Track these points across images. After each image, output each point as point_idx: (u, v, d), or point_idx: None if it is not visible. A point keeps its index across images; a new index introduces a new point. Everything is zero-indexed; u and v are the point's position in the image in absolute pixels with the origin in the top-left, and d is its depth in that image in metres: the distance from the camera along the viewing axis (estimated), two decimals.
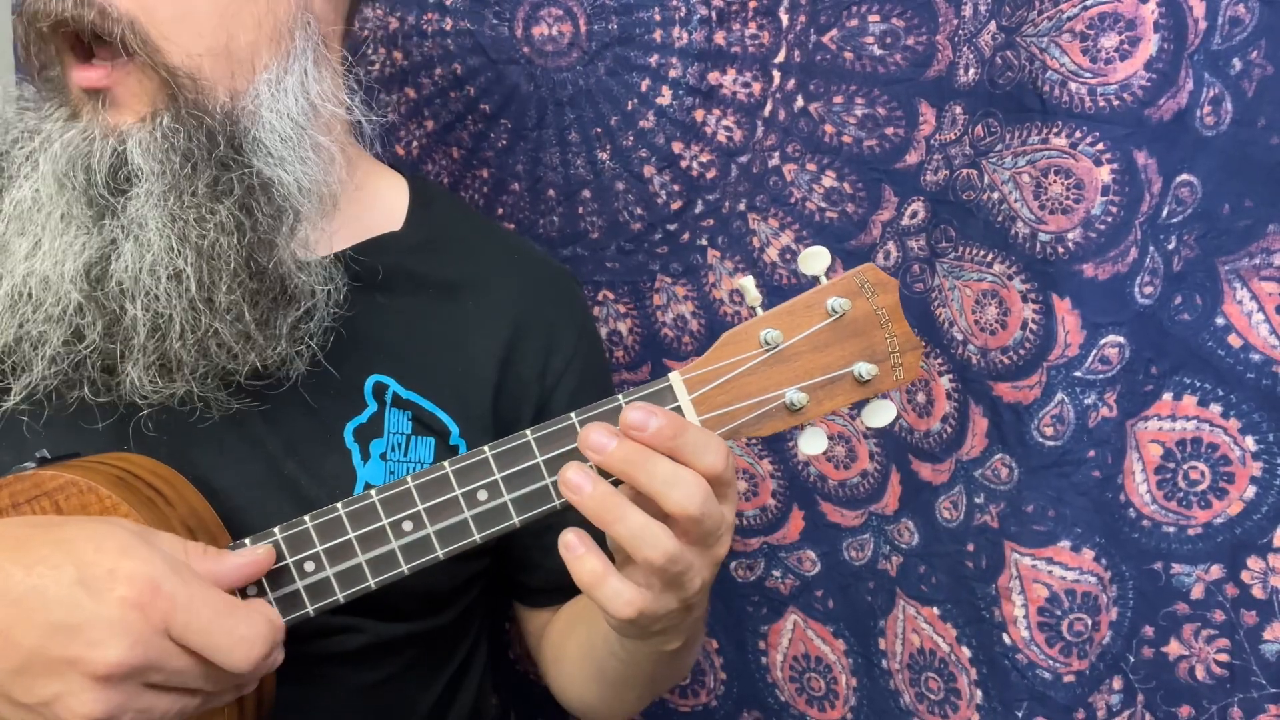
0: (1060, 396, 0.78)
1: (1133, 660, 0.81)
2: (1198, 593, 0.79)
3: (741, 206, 0.91)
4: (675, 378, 0.59)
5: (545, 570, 0.79)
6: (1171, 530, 0.79)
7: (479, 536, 0.59)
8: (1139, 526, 0.80)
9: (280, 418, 0.68)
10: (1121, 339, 0.77)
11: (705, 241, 0.92)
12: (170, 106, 0.63)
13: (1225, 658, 0.79)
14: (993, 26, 0.79)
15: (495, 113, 0.95)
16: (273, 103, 0.66)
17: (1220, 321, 0.77)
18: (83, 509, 0.59)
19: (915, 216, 0.85)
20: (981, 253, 0.81)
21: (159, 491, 0.62)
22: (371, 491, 0.59)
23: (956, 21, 0.81)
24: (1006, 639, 0.82)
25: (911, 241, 0.86)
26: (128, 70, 0.63)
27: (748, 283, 0.59)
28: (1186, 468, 0.79)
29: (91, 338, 0.62)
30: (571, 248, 0.96)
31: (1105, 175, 0.74)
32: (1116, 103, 0.73)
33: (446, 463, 0.58)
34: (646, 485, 0.53)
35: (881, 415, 0.60)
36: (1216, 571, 0.79)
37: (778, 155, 0.89)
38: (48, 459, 0.62)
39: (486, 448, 0.58)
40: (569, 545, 0.54)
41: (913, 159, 0.85)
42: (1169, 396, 0.78)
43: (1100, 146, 0.74)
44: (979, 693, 0.85)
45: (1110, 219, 0.75)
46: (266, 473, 0.68)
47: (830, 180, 0.87)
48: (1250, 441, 0.77)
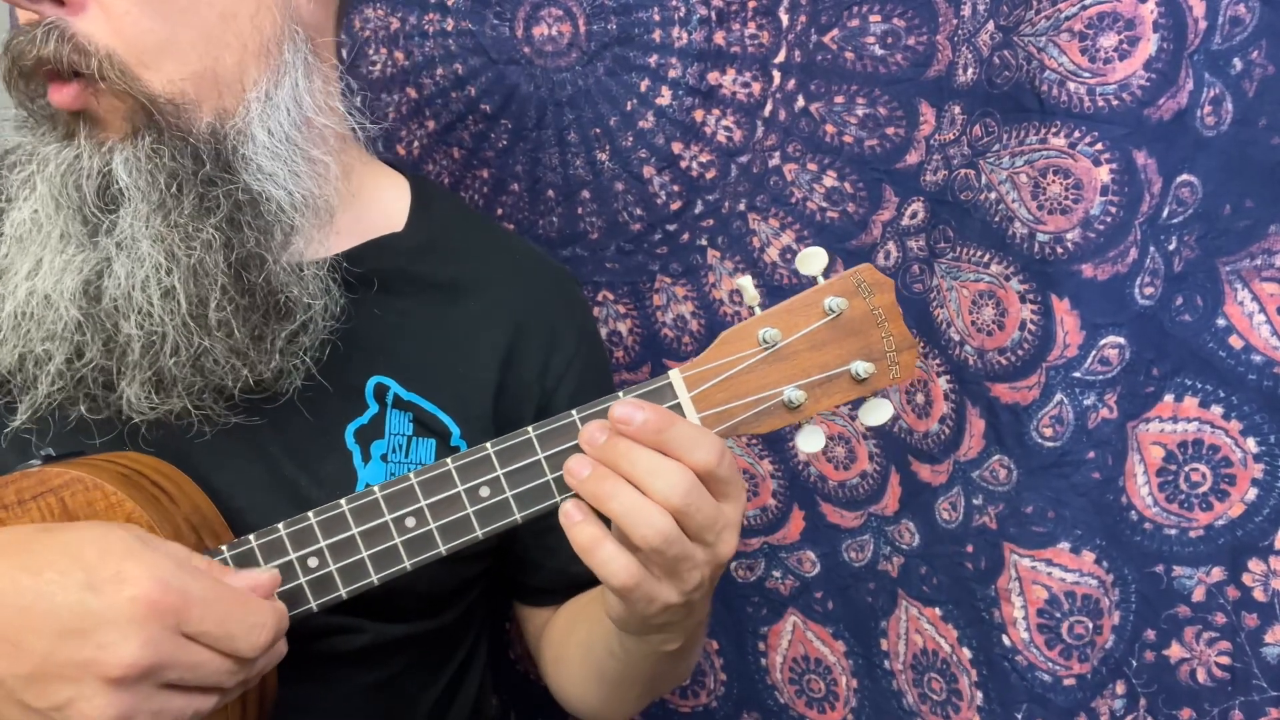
0: (1059, 397, 0.78)
1: (1135, 664, 0.81)
2: (1199, 595, 0.79)
3: (742, 206, 0.91)
4: (675, 375, 0.59)
5: (546, 570, 0.79)
6: (1173, 532, 0.79)
7: (481, 532, 0.59)
8: (1140, 529, 0.80)
9: (281, 419, 0.68)
10: (1122, 340, 0.77)
11: (705, 241, 0.92)
12: (151, 127, 0.63)
13: (1226, 660, 0.79)
14: (991, 26, 0.79)
15: (495, 113, 0.95)
16: (263, 119, 0.66)
17: (1221, 322, 0.76)
18: (88, 505, 0.59)
19: (915, 217, 0.85)
20: (978, 253, 0.80)
21: (163, 489, 0.63)
22: (375, 487, 0.59)
23: (956, 21, 0.81)
24: (1006, 641, 0.82)
25: (911, 241, 0.86)
26: (100, 91, 0.63)
27: (746, 282, 0.60)
28: (1188, 470, 0.78)
29: (90, 354, 0.63)
30: (571, 248, 0.96)
31: (1104, 175, 0.74)
32: (1115, 103, 0.73)
33: (449, 459, 0.59)
34: (630, 473, 0.54)
35: (878, 413, 0.61)
36: (1218, 574, 0.79)
37: (778, 155, 0.89)
38: (53, 456, 0.63)
39: (489, 444, 0.59)
40: (568, 513, 0.55)
41: (913, 159, 0.85)
42: (1170, 398, 0.78)
43: (1099, 146, 0.74)
44: (980, 694, 0.85)
45: (1109, 219, 0.75)
46: (267, 474, 0.68)
47: (831, 180, 0.87)
48: (1251, 443, 0.77)
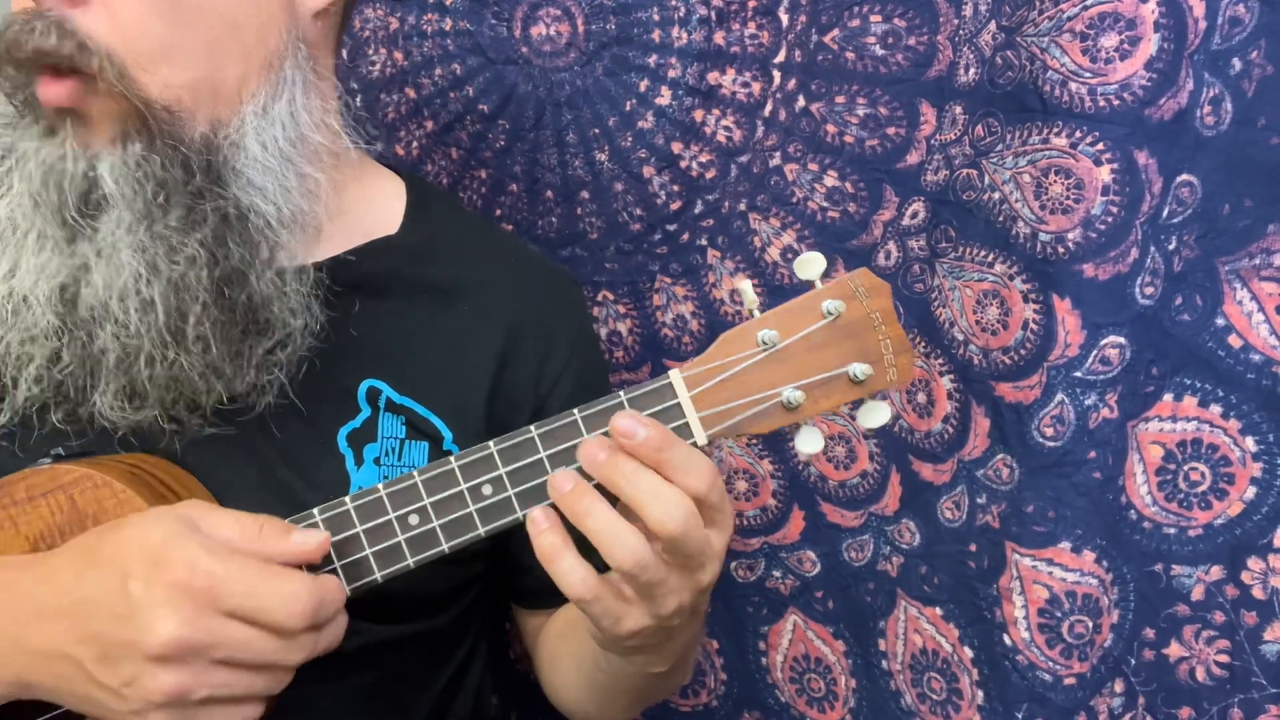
0: (1060, 397, 0.78)
1: (1134, 663, 0.81)
2: (1198, 594, 0.79)
3: (742, 206, 0.91)
4: (675, 375, 0.59)
5: (539, 572, 0.78)
6: (1172, 531, 0.79)
7: (483, 530, 0.60)
8: (1140, 528, 0.80)
9: (273, 423, 0.68)
10: (1122, 339, 0.77)
11: (705, 242, 0.92)
12: (143, 133, 0.62)
13: (1226, 659, 0.79)
14: (993, 26, 0.79)
15: (494, 113, 0.95)
16: (258, 132, 0.65)
17: (1220, 322, 0.77)
18: (97, 503, 0.61)
19: (916, 216, 0.85)
20: (982, 253, 0.81)
21: (170, 489, 0.64)
22: (379, 485, 0.59)
23: (957, 21, 0.81)
24: (1007, 640, 0.82)
25: (912, 241, 0.86)
26: (95, 90, 0.61)
27: (745, 286, 0.60)
28: (1187, 469, 0.79)
29: (67, 359, 0.63)
30: (570, 248, 0.96)
31: (1105, 175, 0.74)
32: (1117, 102, 0.73)
33: (452, 457, 0.59)
34: (630, 495, 0.54)
35: (877, 416, 0.61)
36: (1217, 572, 0.79)
37: (779, 155, 0.89)
38: (62, 455, 0.64)
39: (491, 443, 0.59)
40: (535, 520, 0.56)
41: (913, 159, 0.85)
42: (1169, 397, 0.78)
43: (1100, 146, 0.74)
44: (980, 694, 0.85)
45: (1110, 219, 0.75)
46: (260, 478, 0.68)
47: (832, 180, 0.87)
48: (1250, 442, 0.77)
